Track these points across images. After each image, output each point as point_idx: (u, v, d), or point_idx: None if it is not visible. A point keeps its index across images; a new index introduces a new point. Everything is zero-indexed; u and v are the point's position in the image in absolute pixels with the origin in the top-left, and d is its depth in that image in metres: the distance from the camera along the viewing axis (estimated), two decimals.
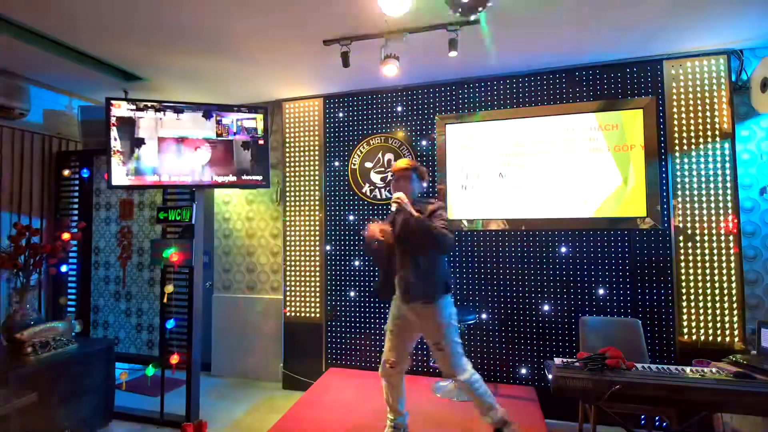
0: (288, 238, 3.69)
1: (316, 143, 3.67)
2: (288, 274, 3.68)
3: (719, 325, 2.76)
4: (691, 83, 2.88)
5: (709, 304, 2.79)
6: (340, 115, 3.63)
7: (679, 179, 2.88)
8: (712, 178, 2.82)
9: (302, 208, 3.67)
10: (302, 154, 3.70)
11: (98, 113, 3.19)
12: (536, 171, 3.14)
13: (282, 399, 3.40)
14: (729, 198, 2.78)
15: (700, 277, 2.81)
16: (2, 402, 1.89)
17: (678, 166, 2.88)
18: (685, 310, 2.83)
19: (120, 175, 2.79)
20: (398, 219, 2.26)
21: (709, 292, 2.79)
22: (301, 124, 3.71)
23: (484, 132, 3.27)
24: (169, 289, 2.95)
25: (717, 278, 2.78)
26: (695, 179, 2.85)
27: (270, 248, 3.90)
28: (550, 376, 1.97)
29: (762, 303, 2.80)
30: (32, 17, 2.41)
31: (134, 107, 2.83)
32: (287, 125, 3.74)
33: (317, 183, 3.65)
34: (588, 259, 3.02)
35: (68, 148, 3.69)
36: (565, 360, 2.06)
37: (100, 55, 2.90)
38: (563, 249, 3.07)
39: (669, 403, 1.95)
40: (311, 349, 3.58)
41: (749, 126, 2.86)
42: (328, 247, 3.61)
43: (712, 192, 2.81)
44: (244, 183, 3.06)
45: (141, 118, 2.84)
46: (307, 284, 3.63)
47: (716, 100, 2.83)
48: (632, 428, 2.09)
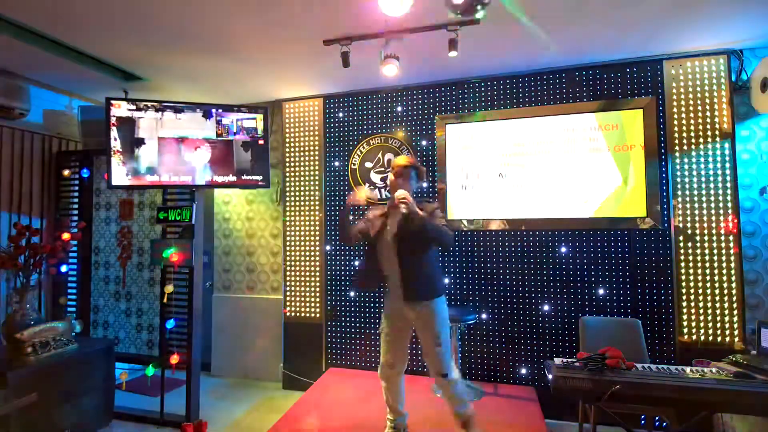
0: (288, 238, 3.69)
1: (316, 143, 3.67)
2: (288, 274, 3.68)
3: (719, 325, 2.76)
4: (691, 83, 2.88)
5: (709, 304, 2.79)
6: (340, 115, 3.63)
7: (679, 179, 2.88)
8: (712, 178, 2.82)
9: (302, 208, 3.67)
10: (302, 154, 3.70)
11: (98, 113, 3.19)
12: (536, 171, 3.14)
13: (282, 399, 3.40)
14: (729, 198, 2.78)
15: (700, 277, 2.81)
16: (2, 402, 1.89)
17: (678, 166, 2.88)
18: (685, 310, 2.83)
19: (120, 175, 2.79)
20: (394, 218, 2.24)
21: (709, 292, 2.79)
22: (301, 124, 3.71)
23: (484, 132, 3.27)
24: (169, 289, 2.95)
25: (717, 278, 2.78)
26: (695, 179, 2.85)
27: (270, 248, 3.90)
28: (550, 376, 1.97)
29: (762, 303, 2.80)
30: (32, 17, 2.41)
31: (134, 107, 2.83)
32: (287, 125, 3.74)
33: (317, 183, 3.65)
34: (588, 259, 3.02)
35: (68, 148, 3.69)
36: (565, 360, 2.07)
37: (100, 55, 2.90)
38: (563, 249, 3.07)
39: (669, 403, 1.95)
40: (311, 349, 3.58)
41: (749, 126, 2.86)
42: (328, 247, 3.61)
43: (712, 192, 2.81)
44: (244, 183, 3.06)
45: (141, 118, 2.84)
46: (307, 284, 3.63)
47: (716, 100, 2.83)
48: (632, 428, 2.09)
